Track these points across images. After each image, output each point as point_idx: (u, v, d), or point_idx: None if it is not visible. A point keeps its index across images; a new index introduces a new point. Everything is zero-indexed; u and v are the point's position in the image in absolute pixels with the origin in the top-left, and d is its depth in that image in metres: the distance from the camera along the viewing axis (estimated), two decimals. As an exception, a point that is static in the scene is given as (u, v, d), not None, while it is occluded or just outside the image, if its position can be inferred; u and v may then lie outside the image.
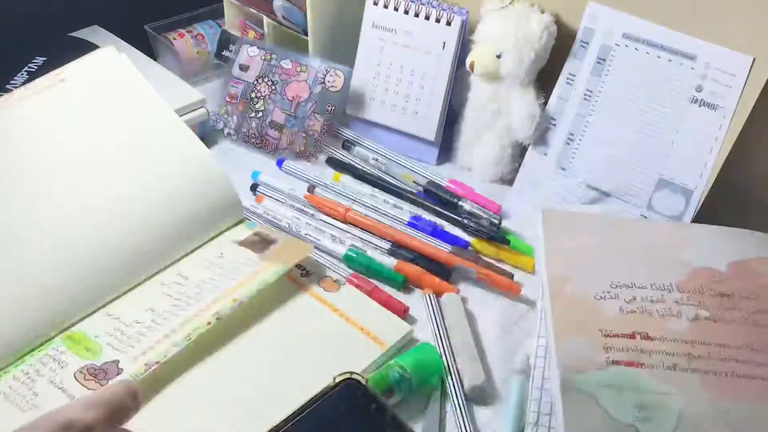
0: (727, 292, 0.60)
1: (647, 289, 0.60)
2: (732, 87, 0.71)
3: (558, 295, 0.60)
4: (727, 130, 0.72)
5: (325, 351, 0.62)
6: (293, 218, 0.77)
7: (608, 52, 0.77)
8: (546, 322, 0.59)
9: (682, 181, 0.74)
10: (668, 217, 0.75)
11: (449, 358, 0.63)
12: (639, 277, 0.61)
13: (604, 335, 0.56)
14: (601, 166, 0.77)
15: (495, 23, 0.78)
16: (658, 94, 0.75)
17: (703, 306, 0.59)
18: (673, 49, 0.74)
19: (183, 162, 0.69)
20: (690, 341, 0.56)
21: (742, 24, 0.70)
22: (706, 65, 0.72)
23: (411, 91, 0.85)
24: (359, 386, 0.51)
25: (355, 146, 0.88)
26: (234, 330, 0.63)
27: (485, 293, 0.71)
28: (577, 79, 0.78)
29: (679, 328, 0.57)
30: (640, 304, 0.59)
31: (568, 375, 0.54)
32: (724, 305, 0.59)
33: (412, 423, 0.59)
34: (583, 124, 0.78)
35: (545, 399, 0.56)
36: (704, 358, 0.55)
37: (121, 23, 0.96)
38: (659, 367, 0.54)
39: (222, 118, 0.89)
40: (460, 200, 0.79)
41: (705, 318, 0.58)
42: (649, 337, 0.56)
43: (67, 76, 0.72)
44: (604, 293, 0.60)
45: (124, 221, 0.64)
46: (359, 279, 0.70)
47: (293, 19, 0.90)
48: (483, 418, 0.60)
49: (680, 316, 0.58)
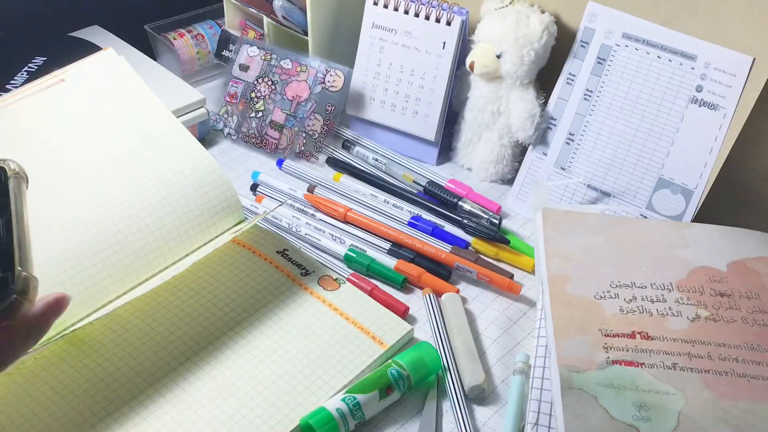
0: (727, 292, 0.60)
1: (647, 289, 0.60)
2: (732, 87, 0.71)
3: (558, 294, 0.59)
4: (727, 130, 0.72)
5: (325, 350, 0.62)
6: (293, 218, 0.77)
7: (608, 52, 0.77)
8: (546, 321, 0.59)
9: (682, 181, 0.74)
10: (668, 217, 0.75)
11: (449, 358, 0.63)
12: (639, 276, 0.61)
13: (604, 335, 0.56)
14: (601, 166, 0.77)
15: (495, 23, 0.79)
16: (658, 94, 0.75)
17: (702, 305, 0.59)
18: (673, 49, 0.74)
19: (182, 163, 0.69)
20: (690, 341, 0.56)
21: (742, 24, 0.70)
22: (706, 65, 0.72)
23: (411, 91, 0.85)
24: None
25: (355, 146, 0.88)
26: (233, 328, 0.63)
27: (485, 293, 0.71)
28: (577, 79, 0.78)
29: (679, 328, 0.57)
30: (640, 303, 0.59)
31: (568, 374, 0.54)
32: (723, 305, 0.59)
33: (411, 421, 0.59)
34: (583, 124, 0.78)
35: (545, 399, 0.56)
36: (704, 358, 0.55)
37: (121, 23, 0.96)
38: (659, 367, 0.54)
39: (222, 118, 0.89)
40: (459, 200, 0.79)
41: (705, 317, 0.58)
42: (649, 336, 0.56)
43: (67, 77, 0.72)
44: (604, 293, 0.60)
45: (122, 222, 0.64)
46: (359, 279, 0.70)
47: (293, 19, 0.90)
48: (482, 417, 0.60)
49: (680, 316, 0.58)
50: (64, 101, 0.70)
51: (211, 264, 0.68)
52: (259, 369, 0.60)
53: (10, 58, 0.88)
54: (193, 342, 0.62)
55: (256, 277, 0.68)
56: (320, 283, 0.68)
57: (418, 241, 0.74)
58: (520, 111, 0.79)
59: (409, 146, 0.88)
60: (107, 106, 0.71)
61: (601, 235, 0.65)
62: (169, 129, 0.72)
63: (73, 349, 0.60)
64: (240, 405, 0.57)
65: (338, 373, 0.60)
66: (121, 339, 0.61)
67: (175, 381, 0.59)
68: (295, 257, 0.70)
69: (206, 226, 0.69)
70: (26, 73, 0.86)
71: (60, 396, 0.57)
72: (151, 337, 0.62)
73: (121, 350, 0.61)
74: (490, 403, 0.61)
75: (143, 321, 0.63)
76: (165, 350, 0.61)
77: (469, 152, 0.86)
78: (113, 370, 0.59)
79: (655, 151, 0.75)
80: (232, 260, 0.69)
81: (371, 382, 0.58)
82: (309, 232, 0.75)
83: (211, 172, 0.70)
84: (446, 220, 0.78)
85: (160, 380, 0.59)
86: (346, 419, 0.56)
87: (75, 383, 0.58)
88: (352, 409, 0.56)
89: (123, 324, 0.63)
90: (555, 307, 0.59)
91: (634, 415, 0.52)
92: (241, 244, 0.71)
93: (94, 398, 0.57)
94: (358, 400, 0.57)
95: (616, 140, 0.77)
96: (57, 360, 0.59)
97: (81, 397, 0.57)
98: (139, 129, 0.71)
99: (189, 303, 0.65)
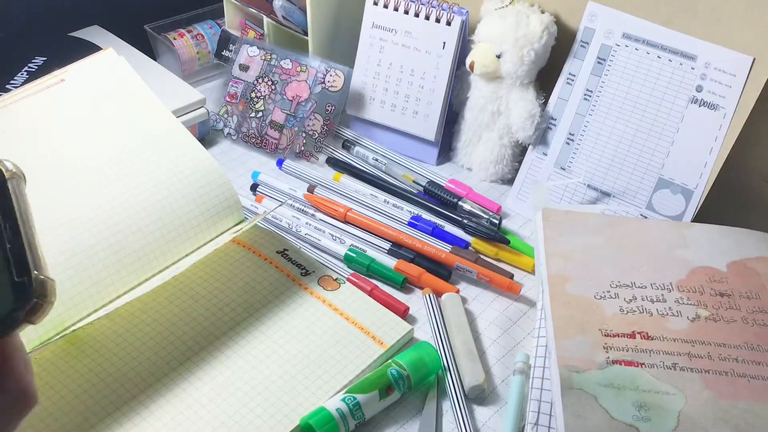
0: (727, 292, 0.60)
1: (647, 289, 0.60)
2: (732, 87, 0.71)
3: (558, 294, 0.59)
4: (727, 130, 0.72)
5: (325, 350, 0.62)
6: (293, 218, 0.77)
7: (608, 52, 0.77)
8: (546, 322, 0.59)
9: (683, 181, 0.74)
10: (669, 217, 0.75)
11: (449, 358, 0.63)
12: (639, 276, 0.61)
13: (604, 335, 0.56)
14: (601, 166, 0.77)
15: (495, 23, 0.78)
16: (658, 94, 0.75)
17: (702, 305, 0.59)
18: (673, 49, 0.74)
19: (182, 163, 0.69)
20: (690, 341, 0.56)
21: (742, 24, 0.70)
22: (706, 65, 0.72)
23: (411, 91, 0.85)
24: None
25: (355, 146, 0.88)
26: (233, 328, 0.63)
27: (485, 293, 0.71)
28: (577, 79, 0.78)
29: (679, 328, 0.57)
30: (640, 303, 0.59)
31: (568, 374, 0.54)
32: (724, 305, 0.59)
33: (411, 421, 0.59)
34: (583, 124, 0.78)
35: (545, 399, 0.56)
36: (704, 358, 0.55)
37: (121, 23, 0.96)
38: (659, 367, 0.54)
39: (222, 118, 0.89)
40: (459, 200, 0.79)
41: (705, 317, 0.58)
42: (649, 336, 0.56)
43: (67, 77, 0.72)
44: (604, 293, 0.60)
45: (122, 222, 0.64)
46: (359, 279, 0.70)
47: (293, 19, 0.90)
48: (482, 417, 0.60)
49: (680, 316, 0.58)
50: (63, 101, 0.70)
51: (211, 264, 0.68)
52: (259, 369, 0.60)
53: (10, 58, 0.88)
54: (193, 342, 0.62)
55: (256, 277, 0.67)
56: (320, 283, 0.68)
57: (418, 241, 0.74)
58: (520, 111, 0.79)
59: (409, 146, 0.88)
60: (107, 106, 0.71)
61: (601, 235, 0.65)
62: (169, 129, 0.72)
63: (73, 349, 0.60)
64: (240, 405, 0.57)
65: (338, 373, 0.60)
66: (121, 339, 0.61)
67: (175, 381, 0.59)
68: (295, 257, 0.70)
69: (206, 226, 0.69)
70: (26, 73, 0.86)
71: (60, 396, 0.57)
72: (151, 337, 0.62)
73: (121, 350, 0.61)
74: (490, 403, 0.61)
75: (143, 321, 0.63)
76: (165, 350, 0.61)
77: (469, 152, 0.86)
78: (113, 370, 0.59)
79: (655, 151, 0.75)
80: (232, 260, 0.69)
81: (371, 382, 0.58)
82: (309, 232, 0.75)
83: (211, 172, 0.70)
84: (446, 220, 0.78)
85: (160, 380, 0.59)
86: (346, 419, 0.56)
87: (75, 383, 0.58)
88: (352, 409, 0.56)
89: (123, 324, 0.63)
90: (555, 307, 0.59)
91: (634, 415, 0.52)
92: (241, 244, 0.71)
93: (94, 398, 0.57)
94: (358, 400, 0.57)
95: (616, 140, 0.77)
96: (57, 360, 0.59)
97: (81, 397, 0.57)
98: (139, 129, 0.71)
99: (189, 303, 0.65)
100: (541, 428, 0.55)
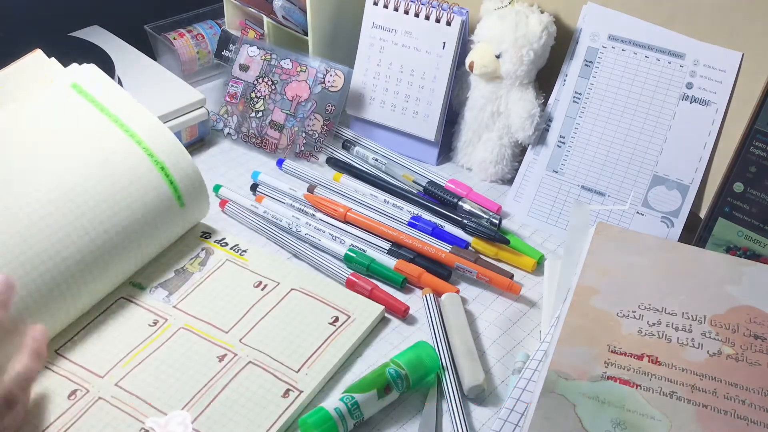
0: (764, 335, 0.57)
1: (677, 317, 0.58)
2: (723, 83, 0.72)
3: (579, 305, 0.58)
4: (720, 125, 0.72)
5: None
6: (293, 218, 0.77)
7: (595, 55, 0.77)
8: (556, 328, 0.58)
9: (678, 177, 0.74)
10: (665, 212, 0.75)
11: (449, 358, 0.63)
12: (672, 303, 0.59)
13: (611, 351, 0.55)
14: (593, 168, 0.77)
15: (495, 23, 0.79)
16: (648, 94, 0.75)
17: (730, 343, 0.56)
18: (660, 48, 0.74)
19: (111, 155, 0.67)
20: (700, 374, 0.54)
21: (729, 20, 0.70)
22: (695, 62, 0.73)
23: (411, 91, 0.85)
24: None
25: (355, 146, 0.88)
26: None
27: (485, 293, 0.71)
28: (567, 81, 0.78)
29: (694, 360, 0.55)
30: (662, 329, 0.57)
31: (555, 379, 0.53)
32: (754, 347, 0.56)
33: (411, 421, 0.59)
34: (573, 126, 0.78)
35: (524, 399, 0.55)
36: (708, 393, 0.53)
37: (121, 23, 0.96)
38: (656, 392, 0.53)
39: (222, 118, 0.89)
40: (459, 200, 0.79)
41: (727, 355, 0.55)
42: (657, 361, 0.54)
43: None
44: (628, 312, 0.58)
45: (80, 231, 0.63)
46: (359, 279, 0.70)
47: (293, 19, 0.90)
48: (482, 417, 0.60)
49: (701, 349, 0.56)
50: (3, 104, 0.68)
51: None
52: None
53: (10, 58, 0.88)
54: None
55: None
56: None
57: (418, 241, 0.74)
58: (519, 111, 0.79)
59: (409, 146, 0.88)
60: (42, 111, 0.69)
61: (650, 257, 0.63)
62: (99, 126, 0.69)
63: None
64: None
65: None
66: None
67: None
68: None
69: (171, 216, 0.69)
70: (26, 73, 0.86)
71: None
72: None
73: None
74: (490, 403, 0.61)
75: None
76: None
77: (469, 152, 0.86)
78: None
79: (649, 150, 0.75)
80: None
81: (369, 382, 0.58)
82: (309, 232, 0.75)
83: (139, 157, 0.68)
84: (446, 220, 0.78)
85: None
86: (344, 419, 0.56)
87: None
88: (351, 408, 0.56)
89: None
90: (571, 315, 0.57)
91: (608, 430, 0.50)
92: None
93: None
94: (357, 400, 0.57)
95: (608, 141, 0.77)
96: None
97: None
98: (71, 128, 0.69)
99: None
100: (508, 425, 0.54)
